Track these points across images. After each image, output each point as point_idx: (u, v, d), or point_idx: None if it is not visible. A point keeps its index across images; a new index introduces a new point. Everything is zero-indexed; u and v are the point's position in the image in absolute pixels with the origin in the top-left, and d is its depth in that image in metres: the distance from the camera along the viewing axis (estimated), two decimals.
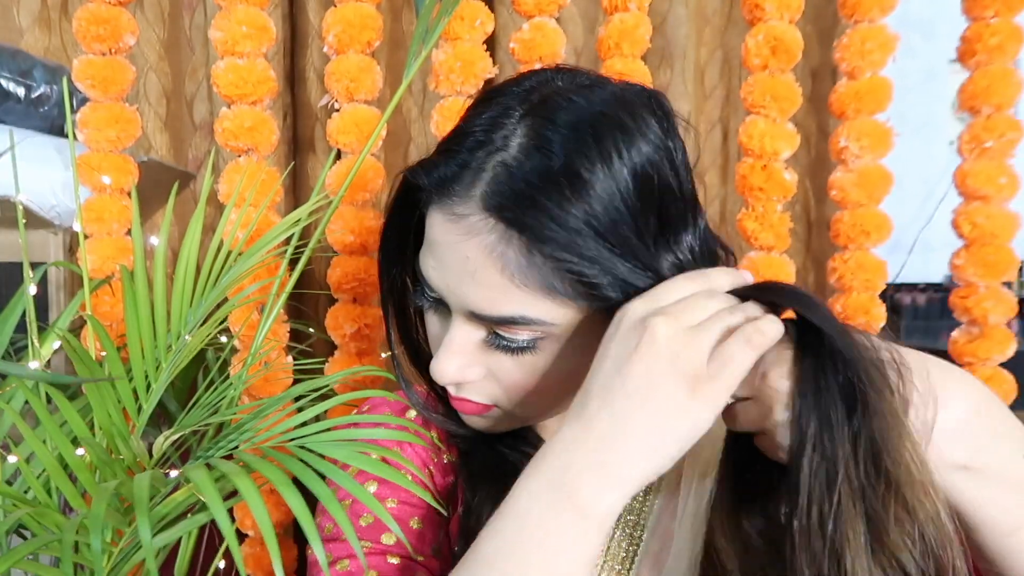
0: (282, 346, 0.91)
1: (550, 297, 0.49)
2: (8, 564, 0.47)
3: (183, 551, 0.73)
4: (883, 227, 0.95)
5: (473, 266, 0.49)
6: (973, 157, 0.96)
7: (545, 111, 0.50)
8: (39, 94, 1.04)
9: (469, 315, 0.51)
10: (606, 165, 0.48)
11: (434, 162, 0.52)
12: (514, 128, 0.50)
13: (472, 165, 0.50)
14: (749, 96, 0.93)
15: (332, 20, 0.88)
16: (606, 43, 0.93)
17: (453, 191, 0.50)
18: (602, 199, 0.48)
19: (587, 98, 0.51)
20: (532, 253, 0.48)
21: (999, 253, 0.95)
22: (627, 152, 0.49)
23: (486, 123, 0.51)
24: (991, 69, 0.94)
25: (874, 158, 0.94)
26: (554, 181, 0.47)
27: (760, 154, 0.93)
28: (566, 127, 0.49)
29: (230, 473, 0.46)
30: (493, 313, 0.50)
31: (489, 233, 0.49)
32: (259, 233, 0.80)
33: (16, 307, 0.72)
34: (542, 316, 0.49)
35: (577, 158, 0.48)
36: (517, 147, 0.49)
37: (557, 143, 0.48)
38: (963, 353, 0.97)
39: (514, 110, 0.51)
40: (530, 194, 0.47)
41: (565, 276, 0.48)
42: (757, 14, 0.92)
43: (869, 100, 0.93)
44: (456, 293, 0.51)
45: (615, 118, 0.50)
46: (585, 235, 0.47)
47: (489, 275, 0.49)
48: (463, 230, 0.49)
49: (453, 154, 0.51)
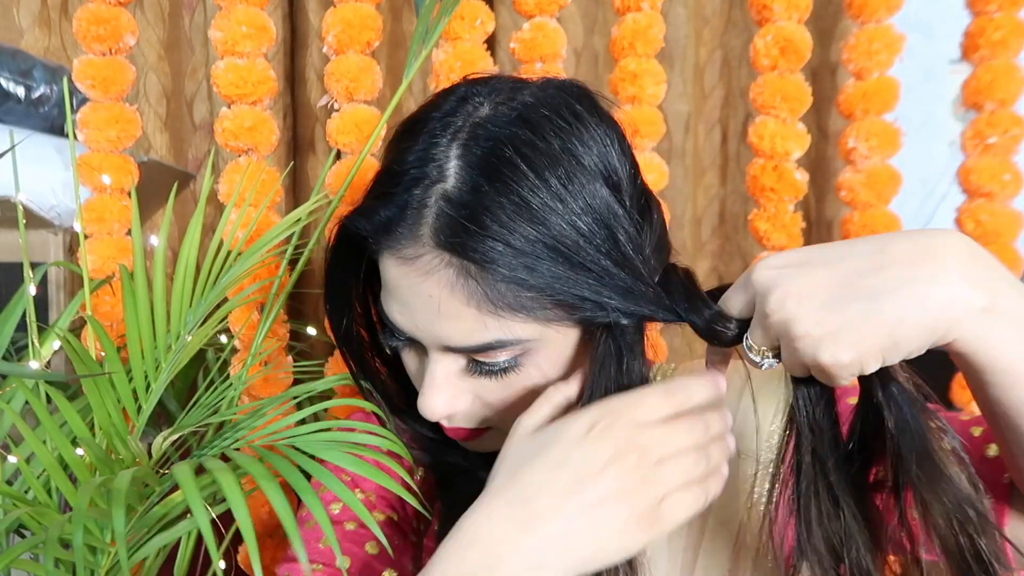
0: (282, 346, 0.92)
1: (521, 317, 0.48)
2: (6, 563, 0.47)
3: (183, 551, 0.73)
4: (892, 227, 0.94)
5: (437, 303, 0.48)
6: (976, 153, 0.96)
7: (473, 132, 0.49)
8: (39, 94, 1.04)
9: (445, 349, 0.50)
10: (546, 175, 0.47)
11: (373, 207, 0.50)
12: (446, 156, 0.48)
13: (413, 204, 0.48)
14: (759, 97, 0.93)
15: (332, 20, 0.88)
16: (620, 43, 0.93)
17: (399, 234, 0.48)
18: (550, 210, 0.47)
19: (510, 107, 0.50)
20: (493, 279, 0.47)
21: (1003, 251, 0.95)
22: (566, 156, 0.48)
23: (417, 159, 0.49)
24: (994, 65, 0.94)
25: (882, 158, 0.94)
26: (497, 204, 0.46)
27: (771, 155, 0.93)
28: (497, 145, 0.48)
29: (214, 470, 0.46)
30: (469, 344, 0.49)
31: (446, 268, 0.48)
32: (259, 233, 0.80)
33: (16, 307, 0.72)
34: (518, 336, 0.49)
35: (515, 175, 0.47)
36: (454, 176, 0.48)
37: (492, 164, 0.47)
38: None
39: (441, 137, 0.49)
40: (477, 222, 0.46)
41: (530, 296, 0.47)
42: (766, 15, 0.91)
43: (877, 100, 0.93)
44: (427, 331, 0.50)
45: (545, 123, 0.49)
46: (540, 253, 0.46)
47: (456, 308, 0.48)
48: (419, 271, 0.48)
49: (391, 196, 0.49)
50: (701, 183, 1.44)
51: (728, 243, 1.45)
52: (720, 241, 1.45)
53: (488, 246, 0.46)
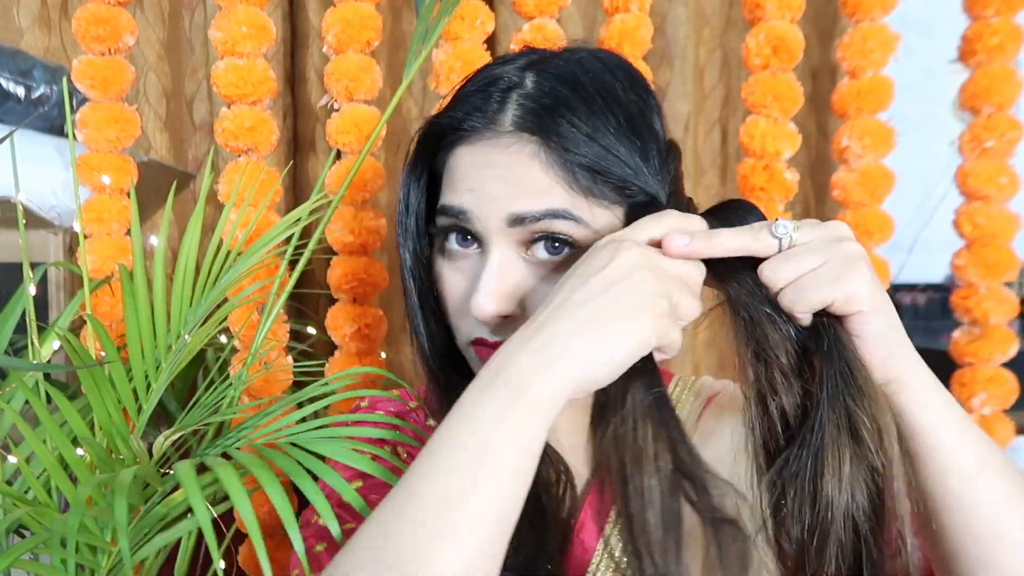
0: (282, 346, 0.92)
1: (588, 197, 0.51)
2: (6, 563, 0.47)
3: (183, 551, 0.73)
4: (885, 227, 0.95)
5: (515, 170, 0.52)
6: (974, 157, 0.96)
7: (544, 59, 0.55)
8: (39, 94, 1.04)
9: (511, 221, 0.52)
10: (612, 90, 0.53)
11: (454, 105, 0.56)
12: (521, 75, 0.54)
13: (494, 98, 0.53)
14: (750, 96, 0.93)
15: (332, 20, 0.88)
16: (607, 44, 0.93)
17: (481, 123, 0.53)
18: (622, 109, 0.53)
19: (568, 54, 0.56)
20: (570, 156, 0.51)
21: (1000, 253, 0.95)
22: (629, 84, 0.55)
23: (489, 75, 0.55)
24: (992, 69, 0.94)
25: (876, 158, 0.94)
26: (572, 101, 0.52)
27: (762, 154, 0.93)
28: (568, 67, 0.54)
29: (215, 466, 0.46)
30: (539, 207, 0.51)
31: (526, 144, 0.52)
32: (259, 233, 0.80)
33: (16, 307, 0.72)
34: (583, 214, 0.52)
35: (584, 84, 0.53)
36: (531, 83, 0.54)
37: (567, 76, 0.53)
38: (964, 353, 0.97)
39: (512, 66, 0.55)
40: (556, 108, 0.51)
41: (600, 176, 0.51)
42: (758, 14, 0.92)
43: (871, 99, 0.93)
44: (495, 200, 0.52)
45: (604, 60, 0.56)
46: (613, 140, 0.52)
47: (532, 174, 0.51)
48: (500, 148, 0.52)
49: (471, 95, 0.55)
50: (701, 183, 1.44)
51: None
52: None
53: (570, 130, 0.51)
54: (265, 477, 0.46)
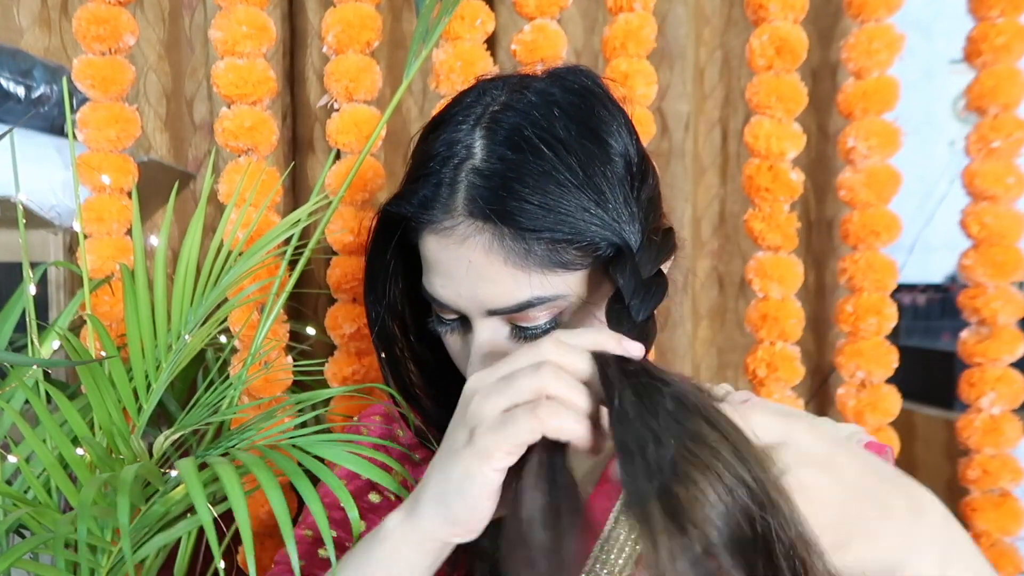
0: (282, 346, 0.92)
1: (555, 271, 0.51)
2: (7, 563, 0.47)
3: (183, 551, 0.73)
4: (892, 227, 0.95)
5: (477, 267, 0.52)
6: (981, 157, 0.96)
7: (494, 117, 0.53)
8: (39, 94, 1.04)
9: (488, 314, 0.53)
10: (563, 138, 0.52)
11: (410, 190, 0.55)
12: (471, 139, 0.53)
13: (445, 181, 0.52)
14: (754, 97, 0.93)
15: (332, 20, 0.88)
16: (611, 43, 0.93)
17: (436, 210, 0.52)
18: (575, 158, 0.51)
19: (525, 93, 0.54)
20: (526, 238, 0.50)
21: (1007, 253, 0.96)
22: (581, 128, 0.53)
23: (445, 143, 0.54)
24: (997, 69, 0.94)
25: (882, 158, 0.94)
26: (522, 169, 0.51)
27: (766, 155, 0.93)
28: (518, 124, 0.52)
29: (214, 464, 0.46)
30: (510, 303, 0.52)
31: (480, 234, 0.51)
32: (259, 233, 0.80)
33: (16, 307, 0.72)
34: (555, 291, 0.52)
35: (536, 148, 0.51)
36: (480, 151, 0.52)
37: (514, 139, 0.52)
38: (972, 354, 0.98)
39: (465, 124, 0.54)
40: (505, 187, 0.51)
41: (561, 246, 0.51)
42: (761, 14, 0.91)
43: (876, 100, 0.93)
44: (470, 297, 0.53)
45: (558, 103, 0.53)
46: (567, 200, 0.50)
47: (495, 270, 0.51)
48: (456, 240, 0.52)
49: (425, 177, 0.54)
50: (701, 183, 1.44)
51: (728, 243, 1.45)
52: (720, 241, 1.45)
53: (521, 208, 0.50)
54: (264, 477, 0.46)
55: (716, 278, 1.45)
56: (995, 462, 0.98)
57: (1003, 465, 0.98)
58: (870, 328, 0.95)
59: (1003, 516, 0.98)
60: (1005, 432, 0.97)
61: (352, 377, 0.91)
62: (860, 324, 0.95)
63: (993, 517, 0.98)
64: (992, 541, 0.99)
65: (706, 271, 1.45)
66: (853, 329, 0.96)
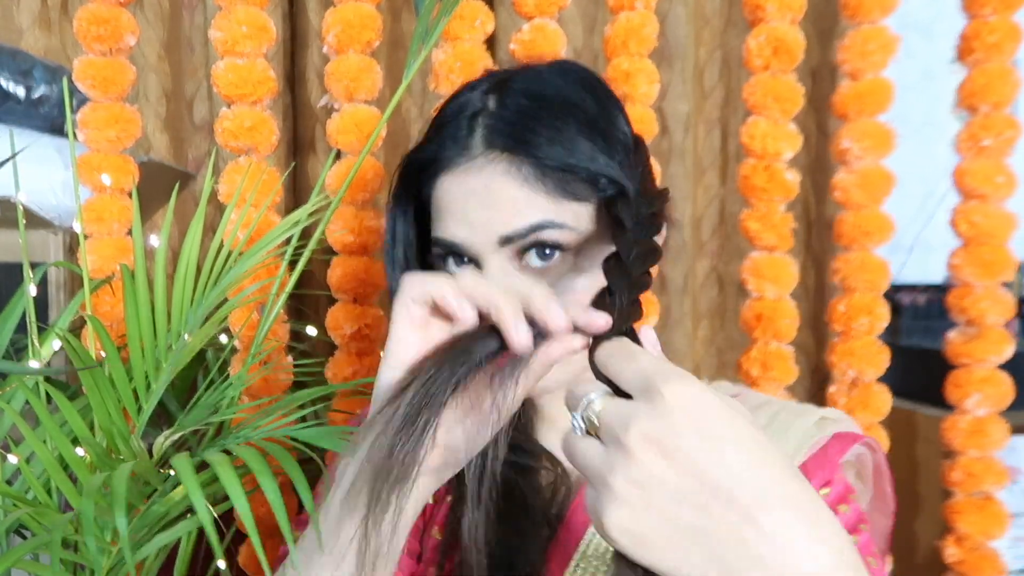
0: (282, 346, 0.92)
1: (564, 198, 0.54)
2: (7, 564, 0.47)
3: (183, 551, 0.73)
4: (885, 228, 0.95)
5: (493, 192, 0.55)
6: (971, 156, 0.96)
7: (503, 81, 0.58)
8: (39, 94, 1.04)
9: (501, 242, 0.55)
10: (571, 96, 0.57)
11: (428, 138, 0.59)
12: (484, 98, 0.58)
13: (463, 125, 0.57)
14: (751, 97, 0.93)
15: (332, 20, 0.88)
16: (613, 42, 0.93)
17: (455, 151, 0.56)
18: (583, 112, 0.56)
19: (530, 70, 0.60)
20: (539, 161, 0.54)
21: (996, 253, 0.95)
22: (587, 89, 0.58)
23: (457, 104, 0.58)
24: (989, 67, 0.94)
25: (875, 159, 0.94)
26: (535, 112, 0.56)
27: (762, 155, 0.93)
28: (527, 84, 0.58)
29: (213, 461, 0.46)
30: (522, 224, 0.54)
31: (497, 163, 0.55)
32: (259, 233, 0.80)
33: (16, 307, 0.72)
34: (565, 219, 0.54)
35: (545, 93, 0.56)
36: (494, 104, 0.57)
37: (528, 90, 0.57)
38: (960, 354, 0.97)
39: (476, 89, 0.58)
40: (520, 121, 0.55)
41: (571, 177, 0.54)
42: (759, 15, 0.92)
43: (871, 101, 0.93)
44: (483, 226, 0.55)
45: (563, 71, 0.59)
46: (576, 140, 0.55)
47: (510, 191, 0.54)
48: (474, 172, 0.55)
49: (440, 128, 0.58)
50: (701, 183, 1.44)
51: (728, 243, 1.45)
52: (720, 241, 1.45)
53: (538, 138, 0.54)
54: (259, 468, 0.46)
55: (716, 278, 1.45)
56: (979, 464, 0.97)
57: (987, 468, 0.97)
58: (862, 328, 0.95)
59: (986, 519, 0.97)
60: (990, 434, 0.97)
61: (353, 377, 0.91)
62: (852, 323, 0.95)
63: (976, 520, 0.97)
64: (975, 544, 0.98)
65: (706, 271, 1.45)
66: (845, 328, 0.96)
